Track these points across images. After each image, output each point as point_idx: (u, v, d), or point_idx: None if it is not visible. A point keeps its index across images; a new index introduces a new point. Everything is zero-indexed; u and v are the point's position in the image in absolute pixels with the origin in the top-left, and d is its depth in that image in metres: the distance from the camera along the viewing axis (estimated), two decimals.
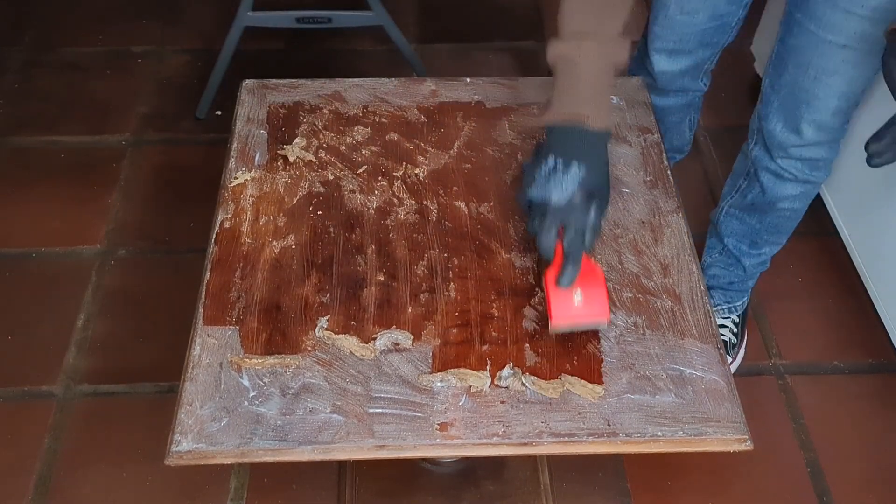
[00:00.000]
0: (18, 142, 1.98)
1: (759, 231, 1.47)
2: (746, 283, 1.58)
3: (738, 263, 1.53)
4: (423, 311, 0.97)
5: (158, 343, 1.59)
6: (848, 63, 1.15)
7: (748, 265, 1.53)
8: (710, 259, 1.58)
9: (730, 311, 1.60)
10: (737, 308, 1.61)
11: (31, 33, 2.27)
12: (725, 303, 1.60)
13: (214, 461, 0.86)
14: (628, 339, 0.95)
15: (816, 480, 1.45)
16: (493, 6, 2.42)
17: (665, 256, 1.04)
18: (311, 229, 1.05)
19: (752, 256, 1.52)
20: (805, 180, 1.34)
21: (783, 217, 1.43)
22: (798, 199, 1.39)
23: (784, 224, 1.45)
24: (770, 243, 1.50)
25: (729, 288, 1.58)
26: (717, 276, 1.58)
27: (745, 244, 1.50)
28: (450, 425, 0.88)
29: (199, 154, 1.96)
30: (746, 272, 1.55)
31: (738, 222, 1.48)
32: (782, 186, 1.36)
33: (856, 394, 1.58)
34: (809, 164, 1.31)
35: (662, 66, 1.39)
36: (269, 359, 0.92)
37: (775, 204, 1.39)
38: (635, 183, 1.12)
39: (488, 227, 1.06)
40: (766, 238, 1.48)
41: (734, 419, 0.89)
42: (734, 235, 1.50)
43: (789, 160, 1.31)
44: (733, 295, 1.59)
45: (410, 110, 1.22)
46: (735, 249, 1.52)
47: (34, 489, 1.40)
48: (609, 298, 0.95)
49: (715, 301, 1.60)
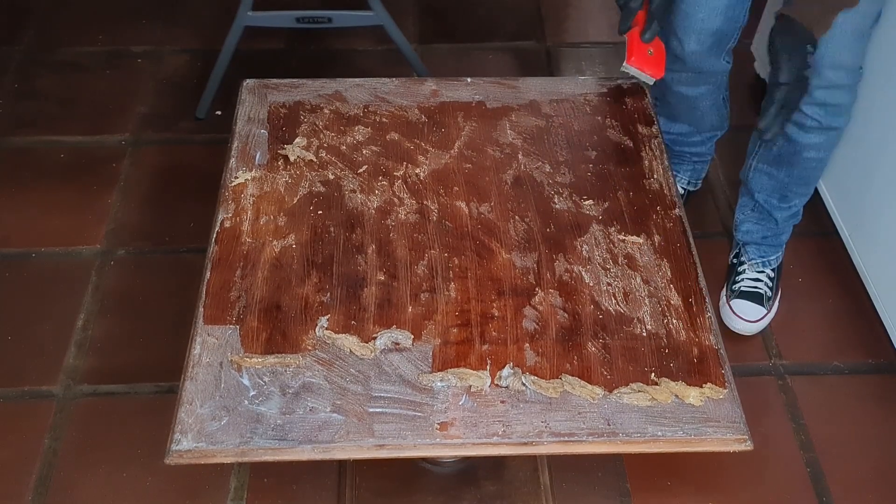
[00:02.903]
0: (18, 142, 1.98)
1: (788, 184, 1.52)
2: (780, 238, 1.64)
3: (770, 217, 1.59)
4: (424, 311, 0.97)
5: (158, 343, 1.59)
6: (864, 1, 1.19)
7: (780, 218, 1.58)
8: (743, 216, 1.64)
9: (764, 265, 1.64)
10: (770, 262, 1.65)
11: (31, 33, 2.27)
12: (760, 257, 1.64)
13: (214, 460, 0.86)
14: (628, 339, 0.95)
15: (816, 480, 1.45)
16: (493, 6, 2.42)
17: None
18: (312, 229, 1.05)
19: (783, 210, 1.57)
20: (828, 126, 1.39)
21: (809, 167, 1.48)
22: (822, 148, 1.44)
23: (811, 174, 1.51)
24: (799, 195, 1.56)
25: (763, 242, 1.63)
26: (750, 232, 1.64)
27: (775, 198, 1.56)
28: (450, 425, 0.88)
29: (199, 154, 1.96)
30: (779, 225, 1.60)
31: (766, 177, 1.54)
32: (805, 135, 1.41)
33: (856, 394, 1.58)
34: (832, 110, 1.36)
35: (692, 45, 1.43)
36: (270, 358, 0.92)
37: (801, 154, 1.44)
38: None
39: (488, 227, 1.06)
40: (794, 190, 1.54)
41: (734, 419, 0.89)
42: (764, 191, 1.56)
43: (814, 106, 1.36)
44: (767, 249, 1.64)
45: (411, 110, 1.22)
46: (766, 204, 1.57)
47: (34, 489, 1.40)
48: None
49: (749, 255, 1.65)
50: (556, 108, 1.23)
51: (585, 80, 1.28)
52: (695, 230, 1.12)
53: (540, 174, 1.13)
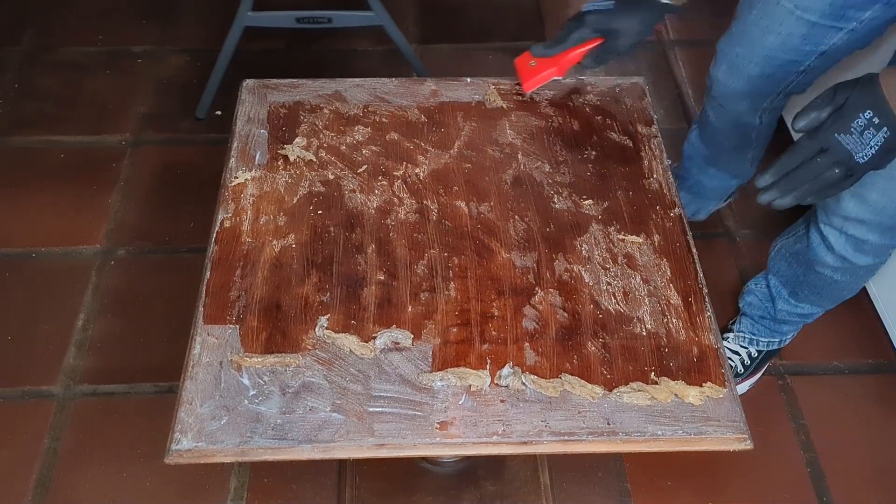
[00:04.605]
0: (18, 142, 1.98)
1: (802, 283, 1.40)
2: (781, 327, 1.53)
3: (773, 305, 1.49)
4: (423, 311, 0.97)
5: (158, 343, 1.59)
6: None
7: (780, 310, 1.48)
8: (754, 286, 1.55)
9: (750, 342, 1.55)
10: (758, 343, 1.55)
11: (31, 33, 2.27)
12: (750, 333, 1.55)
13: (214, 460, 0.86)
14: (628, 339, 0.95)
15: (816, 480, 1.45)
16: (493, 6, 2.42)
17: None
18: (312, 229, 1.05)
19: (789, 304, 1.47)
20: (844, 257, 1.26)
21: (824, 282, 1.35)
22: (839, 272, 1.31)
23: (826, 291, 1.38)
24: (810, 302, 1.44)
25: (759, 322, 1.54)
26: (751, 304, 1.55)
27: (786, 290, 1.46)
28: (450, 424, 0.88)
29: (199, 154, 1.96)
30: (776, 315, 1.50)
31: (785, 265, 1.43)
32: (823, 252, 1.29)
33: (856, 394, 1.58)
34: (852, 243, 1.23)
35: (720, 73, 1.37)
36: (269, 358, 0.92)
37: (814, 265, 1.33)
38: None
39: (488, 226, 1.06)
40: (806, 294, 1.42)
41: (734, 418, 0.89)
42: (778, 276, 1.46)
43: (831, 229, 1.25)
44: (760, 329, 1.55)
45: (411, 110, 1.22)
46: (774, 290, 1.48)
47: (34, 489, 1.40)
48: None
49: (739, 327, 1.57)
50: (555, 108, 1.23)
51: (585, 79, 1.28)
52: (695, 230, 1.12)
53: (539, 174, 1.13)
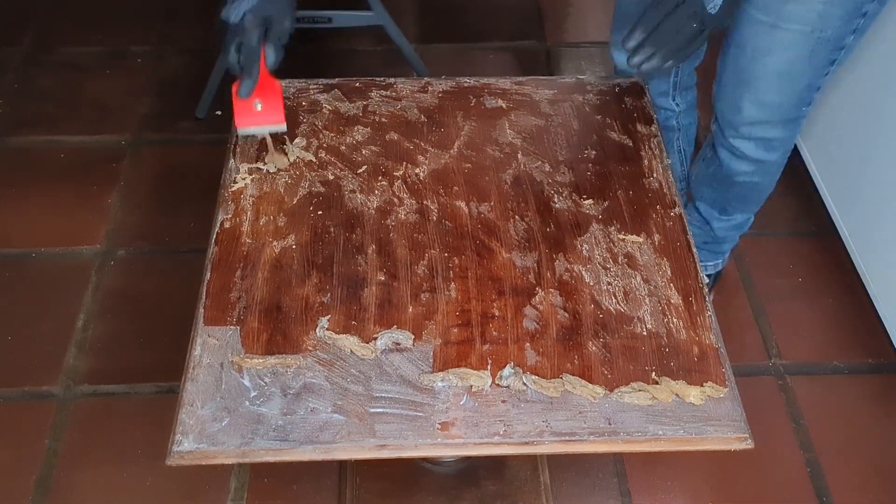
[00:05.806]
0: (18, 142, 1.98)
1: (728, 198, 1.48)
2: (721, 246, 1.61)
3: (710, 227, 1.56)
4: (424, 311, 0.97)
5: (158, 343, 1.59)
6: (781, 44, 1.16)
7: (717, 228, 1.55)
8: (688, 217, 1.59)
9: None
10: (706, 268, 1.64)
11: (31, 33, 2.27)
12: None
13: (215, 461, 0.86)
14: (628, 339, 0.95)
15: (816, 480, 1.45)
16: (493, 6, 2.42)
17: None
18: (312, 229, 1.05)
19: (722, 221, 1.54)
20: (757, 159, 1.34)
21: (746, 189, 1.43)
22: (756, 174, 1.39)
23: (750, 195, 1.46)
24: (740, 211, 1.51)
25: (703, 248, 1.61)
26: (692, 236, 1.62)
27: (715, 210, 1.53)
28: (451, 425, 0.88)
29: (199, 154, 1.96)
30: (716, 235, 1.57)
31: (707, 188, 1.50)
32: (736, 163, 1.37)
33: (856, 394, 1.58)
34: (762, 144, 1.32)
35: (620, 58, 1.40)
36: (270, 359, 0.92)
37: (732, 178, 1.40)
38: None
39: (488, 226, 1.06)
40: (735, 205, 1.49)
41: (734, 418, 0.89)
42: (704, 200, 1.53)
43: (740, 139, 1.32)
44: (706, 255, 1.62)
45: (410, 110, 1.22)
46: (705, 213, 1.55)
47: (34, 489, 1.40)
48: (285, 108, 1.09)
49: None
50: (555, 108, 1.23)
51: (585, 79, 1.28)
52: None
53: (540, 173, 1.13)
